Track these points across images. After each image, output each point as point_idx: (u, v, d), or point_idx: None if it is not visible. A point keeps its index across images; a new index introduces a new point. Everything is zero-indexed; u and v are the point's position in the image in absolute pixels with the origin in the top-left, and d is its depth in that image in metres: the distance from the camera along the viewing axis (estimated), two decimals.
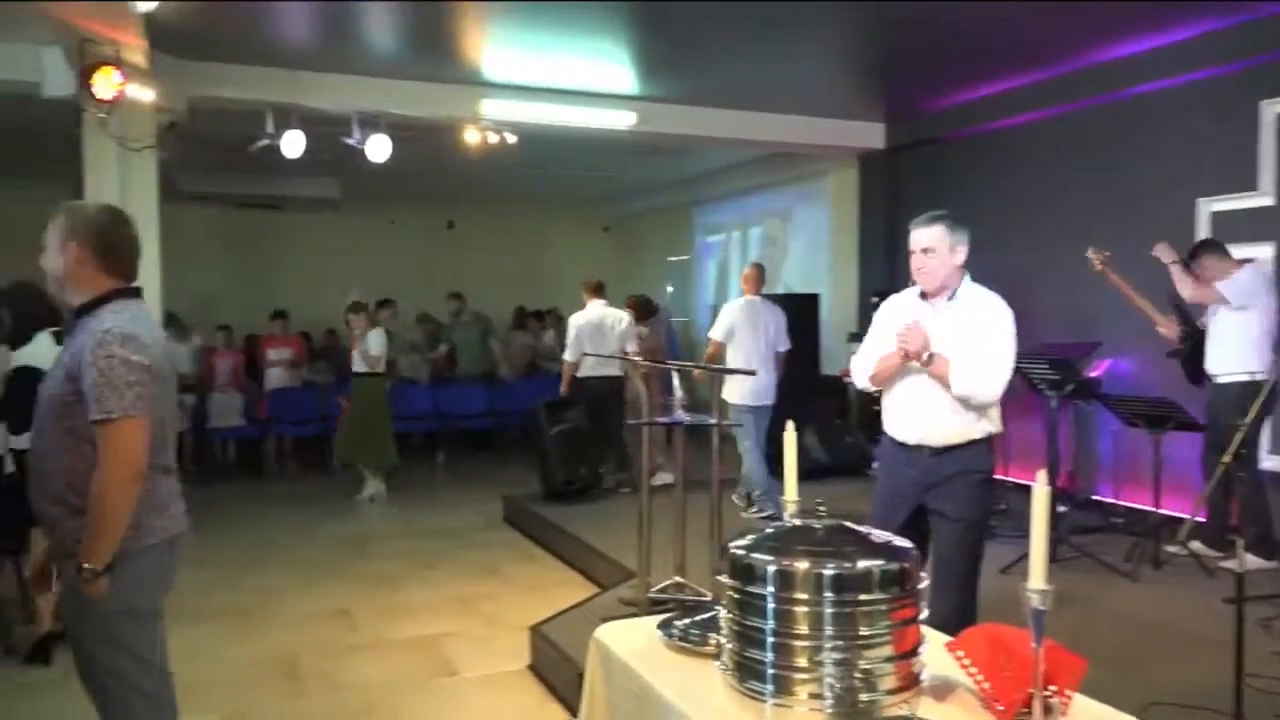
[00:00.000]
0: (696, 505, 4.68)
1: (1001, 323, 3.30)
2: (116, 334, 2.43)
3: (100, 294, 2.56)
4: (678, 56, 7.10)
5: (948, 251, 3.30)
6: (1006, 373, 3.26)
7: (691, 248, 13.59)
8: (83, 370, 2.40)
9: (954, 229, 3.32)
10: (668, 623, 2.25)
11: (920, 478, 3.37)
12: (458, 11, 6.14)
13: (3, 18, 5.86)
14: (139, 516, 2.45)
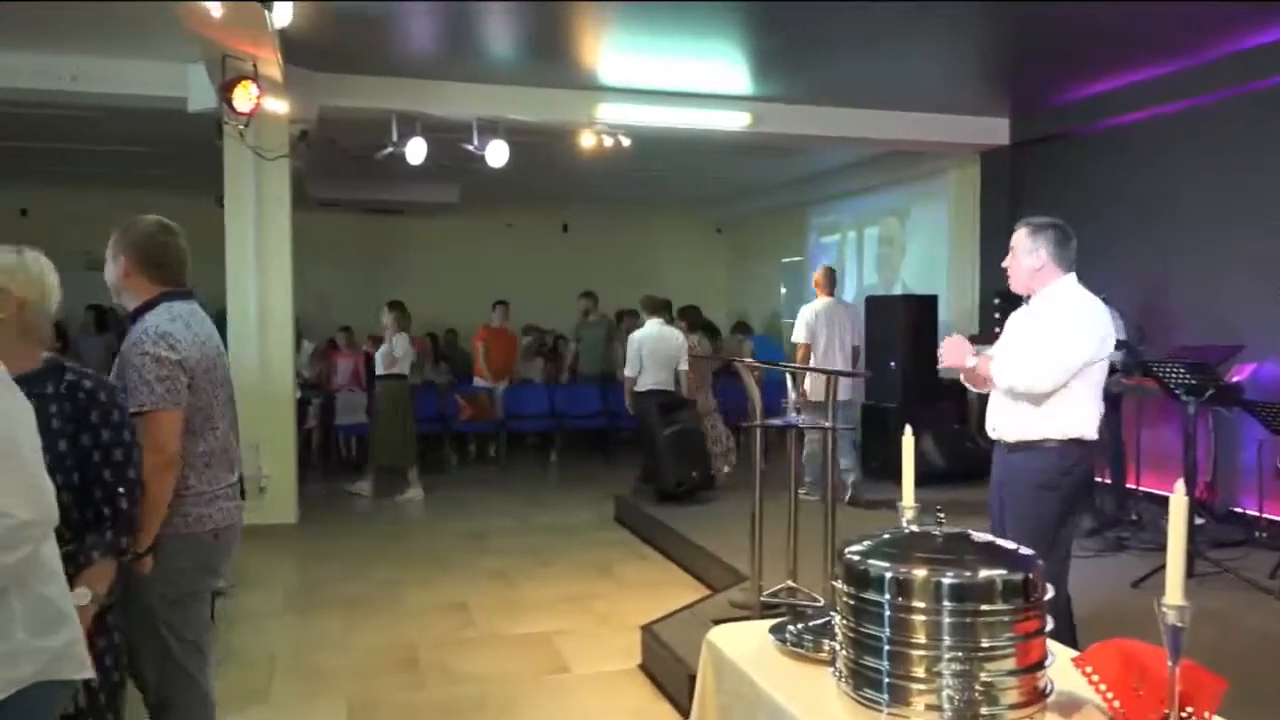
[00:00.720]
0: (810, 509, 4.62)
1: (1065, 319, 3.32)
2: (151, 333, 2.63)
3: (148, 299, 2.75)
4: (792, 56, 7.03)
5: (1025, 254, 3.39)
6: (1055, 365, 3.27)
7: (805, 248, 13.43)
8: (125, 367, 2.62)
9: (1035, 233, 3.39)
10: (780, 627, 2.23)
11: (997, 475, 3.50)
12: (575, 16, 6.23)
13: (155, 39, 6.25)
14: (184, 505, 2.64)
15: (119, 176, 11.29)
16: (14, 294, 2.27)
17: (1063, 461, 3.34)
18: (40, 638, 1.84)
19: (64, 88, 6.78)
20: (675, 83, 7.68)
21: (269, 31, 5.43)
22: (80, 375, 2.33)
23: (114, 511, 2.30)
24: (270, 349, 7.51)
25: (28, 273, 2.29)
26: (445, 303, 12.99)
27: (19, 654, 1.81)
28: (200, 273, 9.48)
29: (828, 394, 4.75)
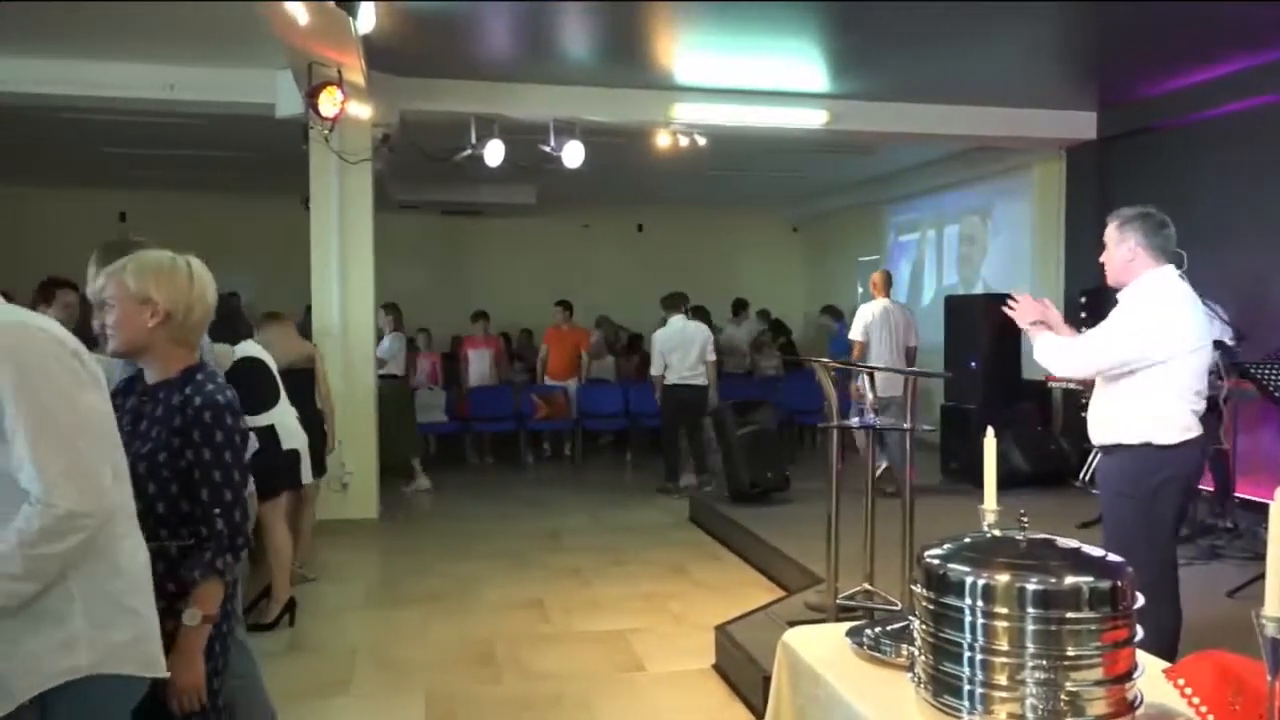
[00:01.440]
0: (888, 511, 4.55)
1: (1122, 309, 3.31)
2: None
3: None
4: (871, 52, 6.94)
5: (1114, 246, 3.36)
6: (1091, 350, 3.30)
7: (883, 247, 13.24)
8: None
9: (1124, 224, 3.35)
10: (857, 630, 2.20)
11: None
12: (650, 17, 6.25)
13: (247, 48, 6.46)
14: None
15: (211, 181, 11.69)
16: (161, 304, 2.26)
17: (1137, 465, 3.26)
18: (100, 629, 1.84)
19: (163, 96, 7.06)
20: (751, 81, 7.64)
21: (353, 38, 5.57)
22: (196, 391, 2.29)
23: (210, 532, 2.25)
24: (352, 348, 7.70)
25: (174, 283, 2.29)
26: (521, 303, 13.16)
27: (76, 642, 1.81)
28: (286, 273, 9.81)
29: (906, 394, 4.68)
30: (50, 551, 1.75)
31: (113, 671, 1.86)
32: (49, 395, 1.78)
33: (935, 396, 8.84)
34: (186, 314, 2.31)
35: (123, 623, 1.88)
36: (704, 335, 8.56)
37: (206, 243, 12.44)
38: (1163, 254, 3.30)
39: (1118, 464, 3.31)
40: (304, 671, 4.55)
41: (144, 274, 2.27)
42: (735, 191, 13.06)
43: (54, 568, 1.78)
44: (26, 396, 1.75)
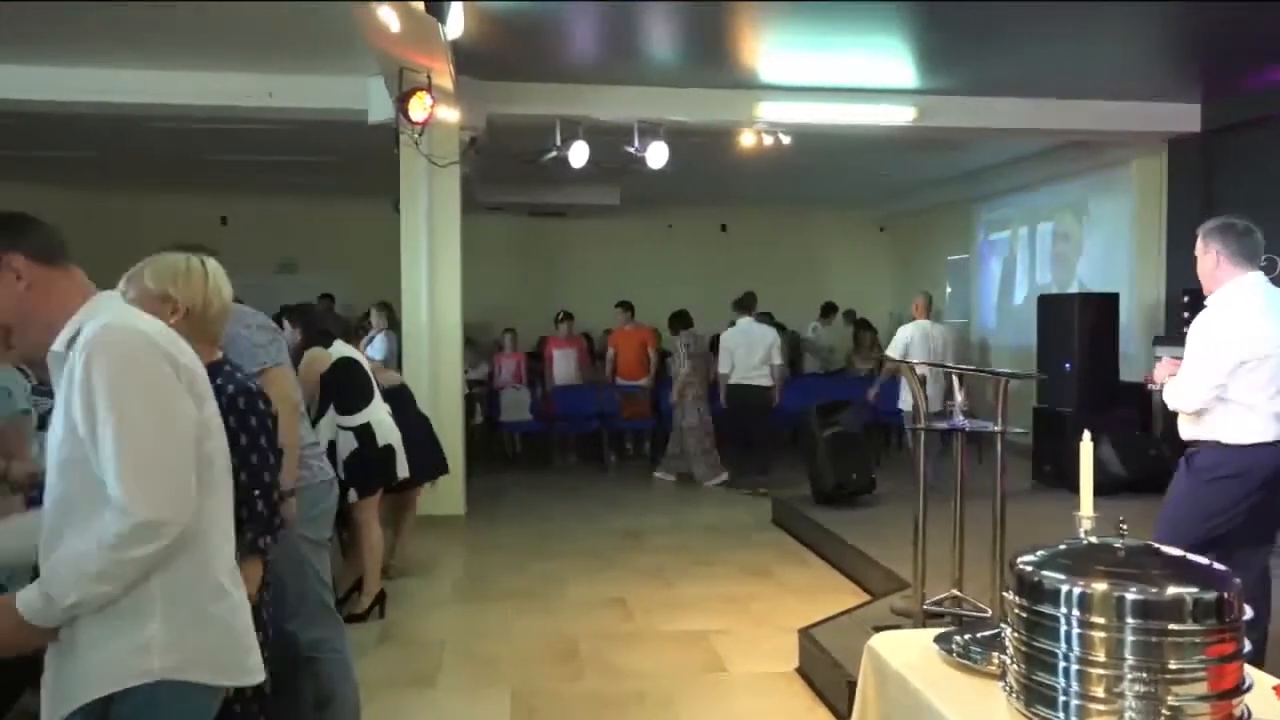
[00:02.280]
0: (977, 515, 4.45)
1: (1193, 336, 3.44)
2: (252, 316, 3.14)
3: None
4: (961, 46, 6.79)
5: (1200, 257, 3.49)
6: (1186, 389, 3.42)
7: (972, 246, 12.94)
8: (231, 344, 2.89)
9: (1206, 235, 3.47)
10: (946, 637, 2.16)
11: None
12: (735, 16, 6.22)
13: (339, 55, 6.65)
14: (308, 457, 3.15)
15: (307, 186, 12.05)
16: (179, 301, 2.41)
17: (1203, 460, 3.43)
18: (178, 634, 1.81)
19: (262, 104, 7.32)
20: (837, 79, 7.55)
21: (442, 43, 5.69)
22: (227, 381, 2.43)
23: (250, 513, 2.33)
24: (440, 348, 7.85)
25: (189, 281, 2.44)
26: (605, 303, 13.24)
27: (151, 646, 1.79)
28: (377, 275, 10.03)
29: (998, 399, 4.56)
30: (128, 556, 1.73)
31: (185, 679, 1.83)
32: (137, 400, 1.77)
33: (1027, 399, 8.62)
34: (205, 309, 2.46)
35: (202, 629, 1.86)
36: (771, 337, 8.80)
37: (300, 246, 12.84)
38: (1246, 261, 3.40)
39: (1193, 462, 3.49)
40: (394, 663, 4.66)
41: (162, 274, 2.43)
42: (820, 190, 12.91)
43: (133, 572, 1.76)
44: (116, 399, 1.75)
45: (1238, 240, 3.38)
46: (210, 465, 1.90)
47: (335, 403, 5.16)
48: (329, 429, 5.12)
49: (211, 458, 1.92)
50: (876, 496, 7.49)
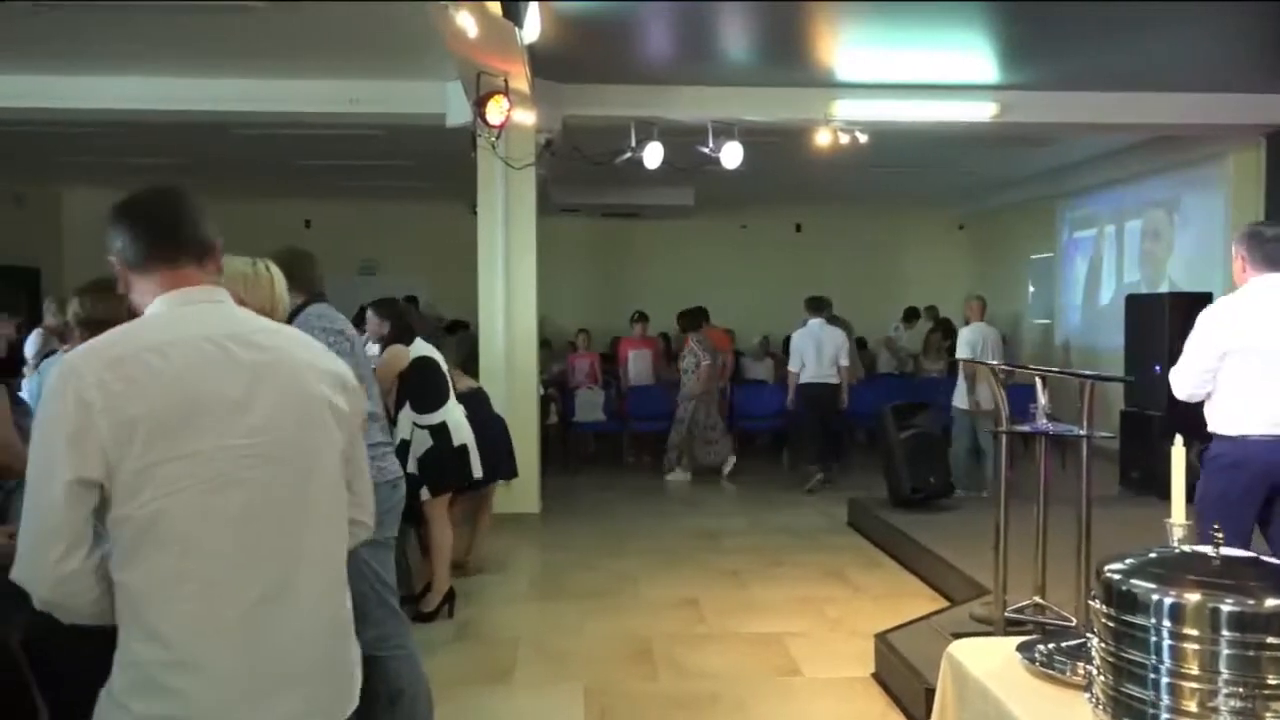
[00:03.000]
0: (1060, 521, 4.33)
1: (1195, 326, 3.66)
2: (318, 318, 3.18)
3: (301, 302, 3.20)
4: (1044, 40, 6.62)
5: (1232, 263, 3.70)
6: (1176, 370, 3.69)
7: (1057, 244, 12.60)
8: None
9: (1236, 242, 3.69)
10: (1029, 645, 2.11)
11: None
12: (810, 14, 6.17)
13: (419, 60, 6.79)
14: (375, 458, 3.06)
15: (387, 189, 12.32)
16: (250, 305, 2.42)
17: (1211, 452, 3.64)
18: (129, 699, 1.65)
19: (344, 110, 7.51)
20: (915, 75, 7.43)
21: (518, 47, 5.75)
22: None
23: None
24: (515, 348, 7.94)
25: (259, 285, 2.53)
26: (679, 304, 13.23)
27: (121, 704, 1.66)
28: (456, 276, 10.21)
29: (1083, 402, 4.44)
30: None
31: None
32: (33, 448, 1.65)
33: (1114, 401, 8.36)
34: (272, 312, 2.54)
35: (153, 700, 1.65)
36: (840, 338, 9.08)
37: (381, 248, 13.16)
38: (1269, 263, 3.57)
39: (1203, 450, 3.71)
40: (469, 659, 4.73)
41: (233, 279, 2.48)
42: (897, 189, 12.72)
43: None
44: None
45: (1261, 247, 3.59)
46: (154, 522, 1.60)
47: (412, 400, 5.24)
48: (405, 426, 5.22)
49: (157, 514, 1.60)
50: (955, 501, 7.36)
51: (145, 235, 1.78)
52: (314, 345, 1.90)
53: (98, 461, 1.58)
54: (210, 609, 1.63)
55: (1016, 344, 12.74)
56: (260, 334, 1.78)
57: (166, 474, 1.61)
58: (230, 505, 1.65)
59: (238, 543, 1.66)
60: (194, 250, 1.80)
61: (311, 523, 1.74)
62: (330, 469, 1.78)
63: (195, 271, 1.79)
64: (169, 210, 1.81)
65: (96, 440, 1.57)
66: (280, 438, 1.71)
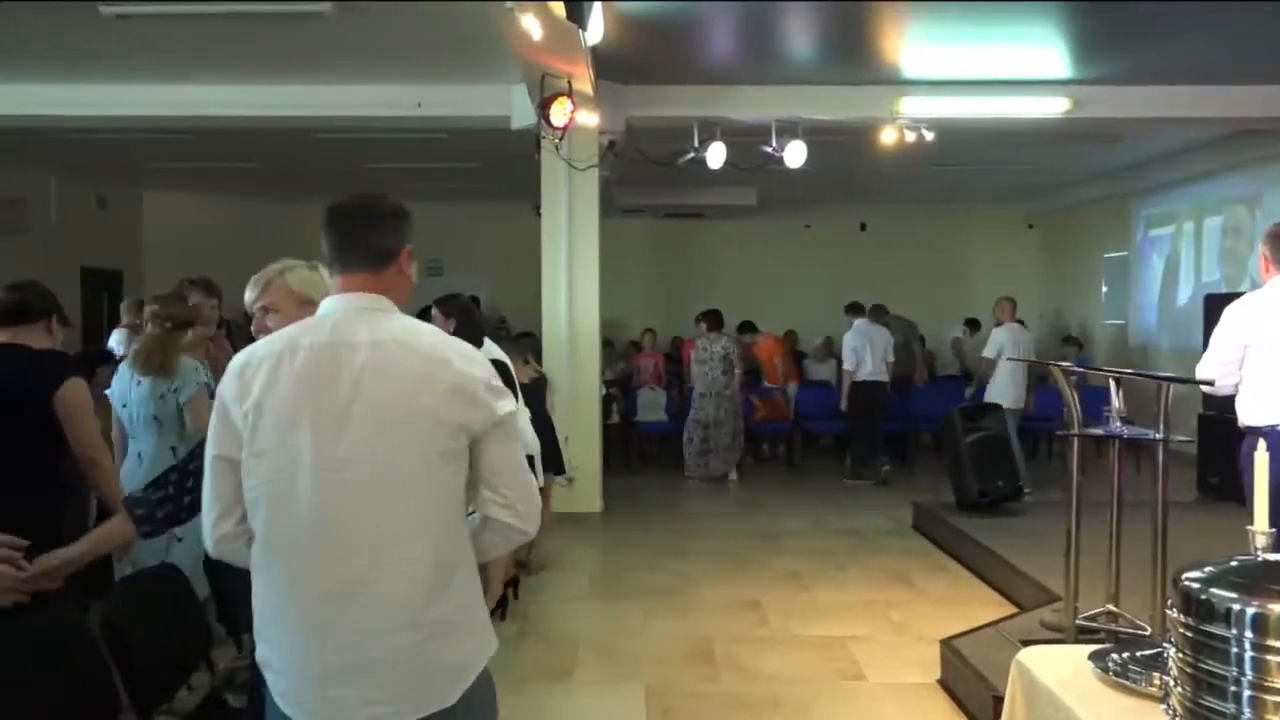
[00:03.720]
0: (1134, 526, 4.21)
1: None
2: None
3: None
4: (1118, 32, 6.45)
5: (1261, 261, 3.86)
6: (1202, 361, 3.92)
7: (1131, 242, 12.25)
8: None
9: (1262, 240, 3.84)
10: (1102, 654, 2.06)
11: None
12: (876, 12, 6.10)
13: (484, 64, 6.88)
14: None
15: (453, 191, 12.49)
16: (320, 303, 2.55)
17: (1244, 445, 3.66)
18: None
19: (411, 113, 7.64)
20: (984, 71, 7.29)
21: (582, 49, 5.79)
22: None
23: None
24: (578, 348, 7.99)
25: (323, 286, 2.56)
26: (742, 304, 13.19)
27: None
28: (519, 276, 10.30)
29: (1159, 405, 4.32)
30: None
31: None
32: None
33: (1193, 405, 8.11)
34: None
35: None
36: (885, 337, 9.47)
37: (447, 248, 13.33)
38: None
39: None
40: (531, 656, 4.77)
41: (304, 281, 2.58)
42: (965, 186, 12.50)
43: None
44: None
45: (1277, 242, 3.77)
46: (253, 507, 1.83)
47: None
48: None
49: (253, 502, 1.83)
50: (1024, 505, 7.21)
51: (326, 242, 1.95)
52: (444, 352, 1.87)
53: (233, 443, 1.83)
54: (282, 598, 1.82)
55: (1089, 345, 12.43)
56: (390, 343, 1.84)
57: (262, 467, 1.80)
58: (302, 507, 1.78)
59: (308, 542, 1.79)
60: (364, 258, 1.92)
61: (396, 528, 1.80)
62: (421, 480, 1.81)
63: (368, 278, 1.90)
64: (343, 220, 1.95)
65: (231, 424, 1.83)
66: (367, 451, 1.78)
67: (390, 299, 1.92)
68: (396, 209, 2.00)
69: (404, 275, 1.98)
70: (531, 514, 1.92)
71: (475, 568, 1.92)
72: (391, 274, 1.95)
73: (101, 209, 12.35)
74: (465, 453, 1.84)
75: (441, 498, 1.84)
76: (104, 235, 12.25)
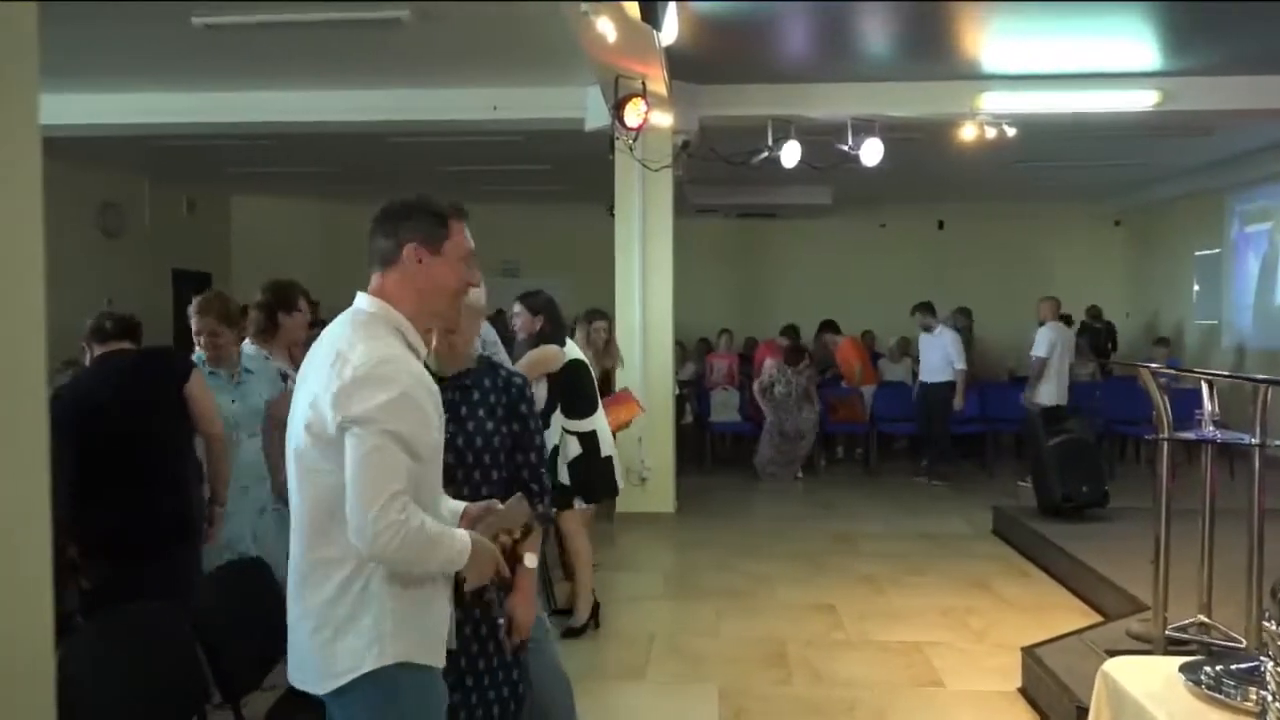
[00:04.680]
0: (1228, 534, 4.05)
1: None
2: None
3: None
4: (1212, 22, 6.21)
5: None
6: None
7: (1224, 239, 11.79)
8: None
9: None
10: (1194, 667, 1.99)
11: None
12: (956, 7, 5.98)
13: (558, 67, 6.94)
14: None
15: (528, 193, 12.63)
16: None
17: None
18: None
19: (487, 117, 7.75)
20: (1068, 64, 7.10)
21: (656, 50, 5.80)
22: (511, 373, 2.69)
23: (540, 487, 2.60)
24: (651, 348, 8.00)
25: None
26: (816, 304, 13.06)
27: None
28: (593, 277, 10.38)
29: (1255, 408, 4.15)
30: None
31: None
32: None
33: None
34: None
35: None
36: (951, 337, 9.64)
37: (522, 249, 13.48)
38: None
39: None
40: (605, 654, 4.80)
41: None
42: (1047, 183, 12.19)
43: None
44: None
45: None
46: None
47: (564, 405, 4.90)
48: (555, 431, 4.87)
49: None
50: (1109, 511, 6.99)
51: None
52: (321, 360, 1.95)
53: None
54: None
55: (1180, 346, 12.01)
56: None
57: None
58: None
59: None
60: (371, 261, 2.04)
61: (294, 522, 2.04)
62: (297, 480, 2.00)
63: (376, 281, 2.04)
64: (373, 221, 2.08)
65: None
66: (289, 453, 2.02)
67: (387, 302, 1.99)
68: (393, 208, 2.03)
69: (411, 275, 2.00)
70: (359, 529, 1.84)
71: (383, 578, 1.91)
72: (395, 275, 2.00)
73: (191, 213, 12.80)
74: (328, 455, 1.89)
75: (309, 499, 1.95)
76: (194, 238, 12.70)
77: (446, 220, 2.03)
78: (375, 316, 1.98)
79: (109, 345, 3.64)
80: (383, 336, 1.95)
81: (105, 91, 7.72)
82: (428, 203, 2.03)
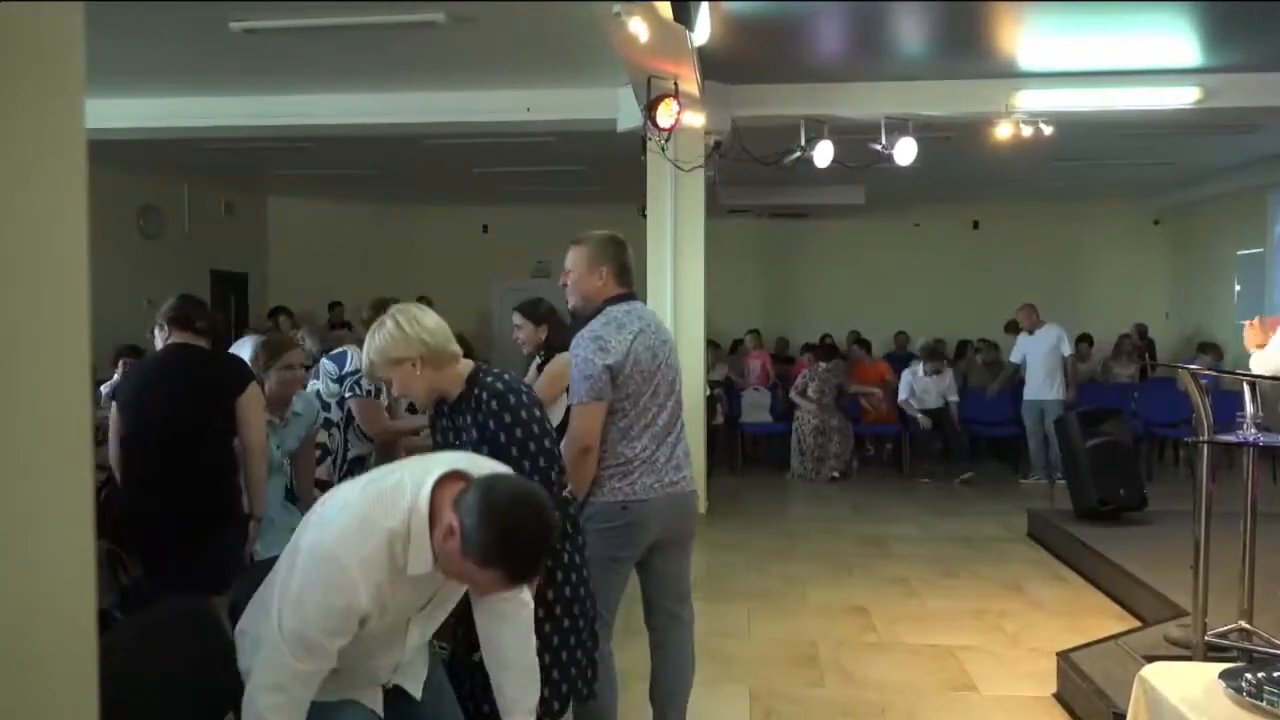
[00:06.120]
0: (1270, 538, 3.99)
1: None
2: (588, 337, 3.03)
3: (599, 304, 3.16)
4: (1256, 15, 6.10)
5: None
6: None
7: (1268, 239, 11.57)
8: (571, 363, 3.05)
9: None
10: (1235, 673, 1.96)
11: None
12: (992, 4, 5.93)
13: (590, 68, 6.96)
14: (600, 478, 3.04)
15: (559, 193, 12.68)
16: (412, 356, 2.63)
17: None
18: None
19: (520, 118, 7.79)
20: (1106, 61, 7.01)
21: (688, 50, 5.80)
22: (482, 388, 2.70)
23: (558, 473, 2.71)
24: (683, 349, 7.97)
25: (406, 339, 2.62)
26: (850, 305, 13.00)
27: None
28: None
29: None
30: None
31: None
32: None
33: None
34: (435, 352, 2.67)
35: None
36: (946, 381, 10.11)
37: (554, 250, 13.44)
38: None
39: None
40: (634, 655, 4.79)
41: (385, 350, 2.68)
42: (1084, 182, 12.03)
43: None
44: None
45: None
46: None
47: None
48: None
49: None
50: (1147, 514, 6.90)
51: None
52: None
53: None
54: None
55: (1222, 347, 11.81)
56: None
57: None
58: None
59: None
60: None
61: None
62: None
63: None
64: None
65: None
66: None
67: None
68: None
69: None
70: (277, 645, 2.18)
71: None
72: None
73: (229, 215, 12.98)
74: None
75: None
76: (232, 240, 12.87)
77: None
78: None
79: (185, 335, 3.68)
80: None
81: (143, 96, 7.86)
82: None
